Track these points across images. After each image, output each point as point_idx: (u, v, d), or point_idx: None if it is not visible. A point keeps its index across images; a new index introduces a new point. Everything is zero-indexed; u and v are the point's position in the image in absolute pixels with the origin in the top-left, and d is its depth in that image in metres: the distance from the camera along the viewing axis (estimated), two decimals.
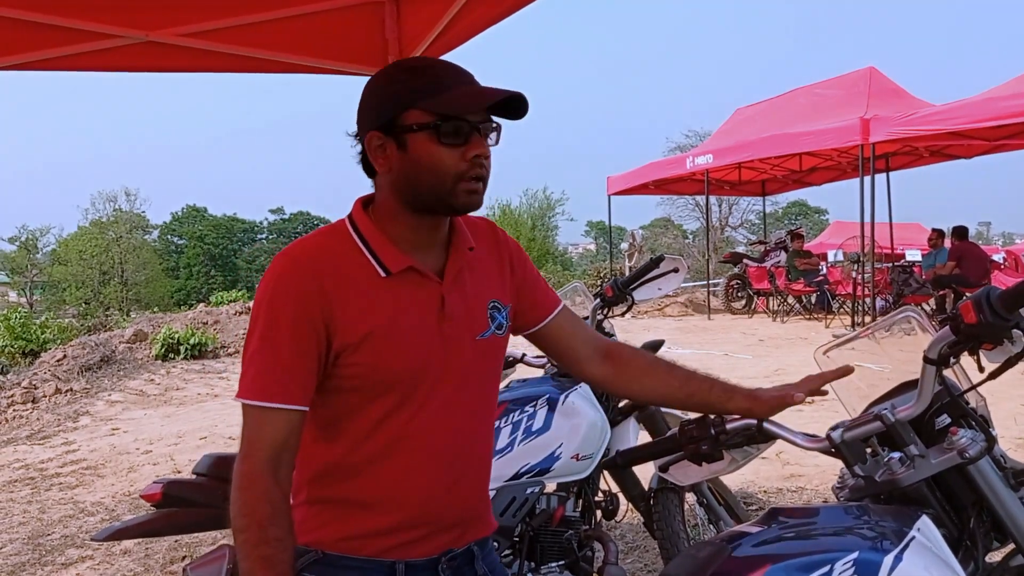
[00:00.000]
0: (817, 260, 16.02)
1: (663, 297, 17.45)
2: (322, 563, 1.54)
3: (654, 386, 1.77)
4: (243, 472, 1.43)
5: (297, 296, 1.45)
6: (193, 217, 65.67)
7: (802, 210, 60.77)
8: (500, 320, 1.63)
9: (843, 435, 1.58)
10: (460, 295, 1.57)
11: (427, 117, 1.44)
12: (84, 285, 44.74)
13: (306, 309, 1.45)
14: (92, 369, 11.74)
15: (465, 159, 1.45)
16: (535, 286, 1.76)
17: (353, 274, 1.49)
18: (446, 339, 1.54)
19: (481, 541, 1.67)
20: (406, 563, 1.55)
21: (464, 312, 1.57)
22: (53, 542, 5.26)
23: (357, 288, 1.48)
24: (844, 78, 15.28)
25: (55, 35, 3.49)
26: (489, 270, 1.66)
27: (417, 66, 1.52)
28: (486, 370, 1.63)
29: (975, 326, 1.39)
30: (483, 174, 1.49)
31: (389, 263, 1.50)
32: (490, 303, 1.62)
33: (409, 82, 1.47)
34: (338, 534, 1.54)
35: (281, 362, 1.44)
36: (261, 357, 1.45)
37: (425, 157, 1.46)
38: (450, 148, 1.45)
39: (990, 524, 1.56)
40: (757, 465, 5.56)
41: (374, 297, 1.49)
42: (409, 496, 1.53)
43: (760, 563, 1.37)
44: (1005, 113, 10.37)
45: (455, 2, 3.34)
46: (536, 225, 40.52)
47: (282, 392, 1.44)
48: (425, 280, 1.53)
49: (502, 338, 1.65)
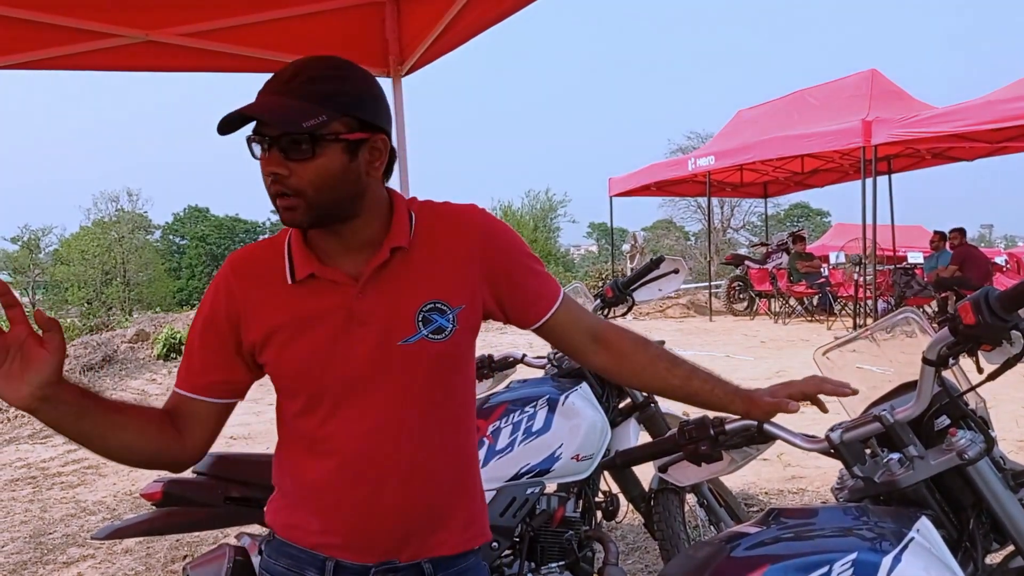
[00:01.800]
0: (819, 262, 16.00)
1: (664, 299, 17.47)
2: (271, 545, 1.64)
3: (654, 379, 1.74)
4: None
5: (214, 296, 1.57)
6: (195, 217, 65.75)
7: (804, 212, 60.72)
8: (441, 323, 1.53)
9: (842, 436, 1.58)
10: (377, 299, 1.51)
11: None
12: (86, 285, 44.77)
13: (216, 308, 1.56)
14: (94, 369, 11.76)
15: (266, 175, 1.44)
16: (528, 282, 1.66)
17: (268, 278, 1.55)
18: (356, 345, 1.50)
19: (439, 560, 1.59)
20: (336, 562, 1.56)
21: (382, 317, 1.51)
22: (55, 541, 5.26)
23: (266, 291, 1.54)
24: (846, 80, 15.27)
25: (56, 34, 3.51)
26: (436, 268, 1.56)
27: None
28: (421, 377, 1.53)
29: (974, 327, 1.39)
30: (282, 191, 1.42)
31: (297, 270, 1.53)
32: (424, 305, 1.53)
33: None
34: (283, 520, 1.62)
35: (189, 351, 1.59)
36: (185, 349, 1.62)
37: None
38: (261, 163, 1.44)
39: (989, 525, 1.56)
40: (758, 467, 5.56)
41: (278, 301, 1.53)
42: (328, 499, 1.55)
43: (759, 563, 1.37)
44: (1007, 116, 10.37)
45: (455, 2, 3.35)
46: (538, 227, 40.60)
47: (180, 379, 1.58)
48: (335, 286, 1.51)
49: (444, 343, 1.53)
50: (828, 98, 15.12)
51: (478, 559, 1.68)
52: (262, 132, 1.40)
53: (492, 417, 2.91)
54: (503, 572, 2.84)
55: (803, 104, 15.62)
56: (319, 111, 1.39)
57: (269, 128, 1.39)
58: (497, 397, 3.02)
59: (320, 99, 1.40)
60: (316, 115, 1.39)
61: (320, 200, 1.43)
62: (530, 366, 3.50)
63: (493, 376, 3.54)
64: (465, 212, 1.64)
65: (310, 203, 1.43)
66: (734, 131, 17.32)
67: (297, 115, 1.38)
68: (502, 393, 3.07)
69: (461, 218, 1.62)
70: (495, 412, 2.92)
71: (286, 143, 1.39)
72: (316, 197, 1.43)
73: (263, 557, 1.65)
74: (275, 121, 1.38)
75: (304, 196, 1.42)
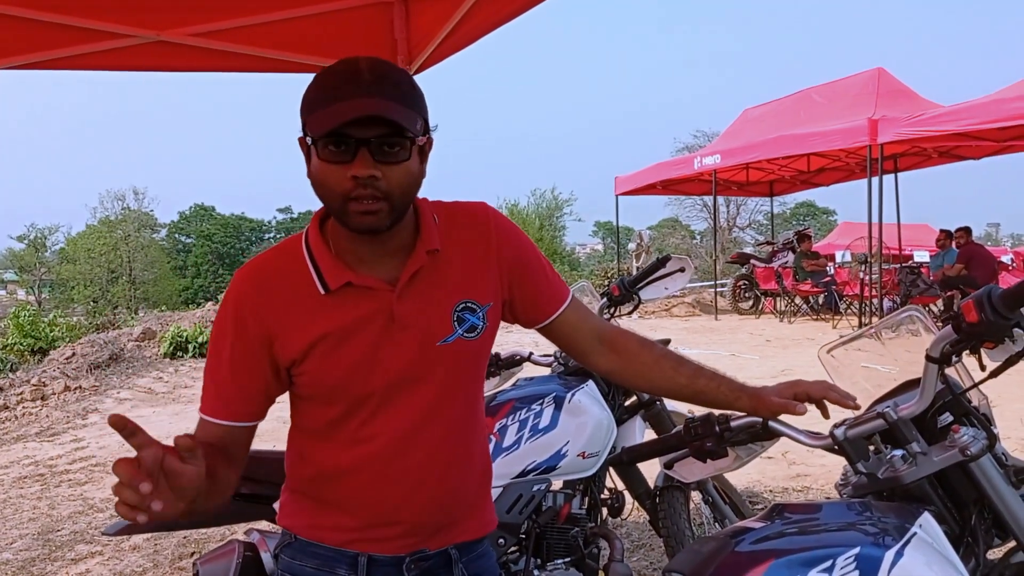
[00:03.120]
0: (825, 261, 15.99)
1: (670, 297, 17.46)
2: (294, 547, 1.62)
3: (661, 381, 1.75)
4: None
5: (235, 320, 1.50)
6: (201, 216, 65.85)
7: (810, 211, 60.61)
8: (473, 322, 1.57)
9: (846, 433, 1.60)
10: (415, 302, 1.52)
11: (311, 132, 1.39)
12: (92, 283, 44.86)
13: (243, 332, 1.50)
14: (101, 367, 11.80)
15: (347, 178, 1.37)
16: (539, 280, 1.69)
17: (296, 292, 1.50)
18: (399, 348, 1.51)
19: (463, 545, 1.65)
20: (369, 557, 1.58)
21: (421, 319, 1.52)
22: (63, 538, 5.30)
23: (298, 306, 1.50)
24: (852, 79, 15.26)
25: (67, 35, 3.52)
26: (463, 268, 1.59)
27: (324, 72, 1.42)
28: (456, 375, 1.58)
29: (976, 325, 1.41)
30: (372, 194, 1.38)
31: (329, 280, 1.49)
32: (458, 305, 1.56)
33: (311, 90, 1.42)
34: (308, 522, 1.61)
35: (220, 380, 1.53)
36: (207, 374, 1.54)
37: (316, 173, 1.42)
38: (335, 166, 1.38)
39: (991, 521, 1.57)
40: (763, 464, 5.57)
41: (314, 314, 1.49)
42: (367, 499, 1.56)
43: (763, 557, 1.38)
44: (1014, 114, 10.36)
45: (464, 2, 3.36)
46: (544, 225, 40.49)
47: (214, 408, 1.52)
48: (371, 292, 1.50)
49: (475, 341, 1.58)
50: (834, 97, 15.11)
51: (487, 544, 1.74)
52: (347, 133, 1.35)
53: (499, 415, 2.93)
54: (509, 568, 2.86)
55: (809, 103, 15.61)
56: (415, 114, 1.40)
57: (363, 130, 1.35)
58: (504, 395, 3.04)
59: (411, 102, 1.41)
60: (415, 119, 1.40)
61: (402, 203, 1.43)
62: (537, 364, 3.52)
63: (500, 374, 3.56)
64: (478, 210, 1.66)
65: (394, 206, 1.41)
66: (740, 130, 17.32)
67: (407, 118, 1.37)
68: (509, 391, 3.09)
69: (475, 217, 1.64)
70: (502, 410, 2.94)
71: (377, 145, 1.36)
72: (401, 200, 1.42)
73: (283, 560, 1.63)
74: (400, 123, 1.35)
75: (391, 199, 1.40)
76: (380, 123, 1.35)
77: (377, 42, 3.86)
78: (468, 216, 1.63)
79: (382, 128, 1.36)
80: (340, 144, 1.36)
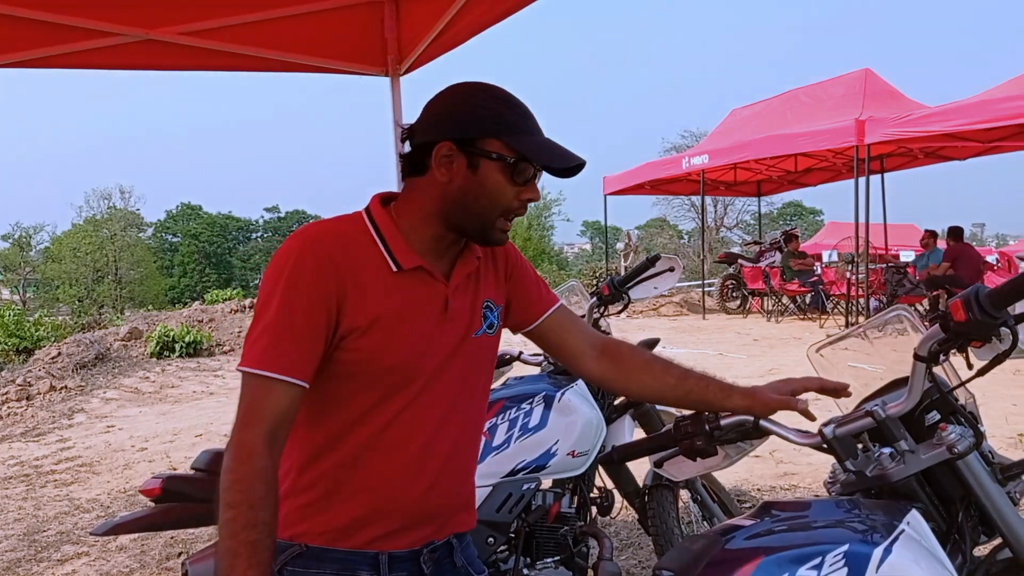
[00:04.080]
0: (812, 260, 16.05)
1: (658, 297, 17.50)
2: (305, 556, 1.56)
3: (650, 383, 1.78)
4: (241, 441, 1.41)
5: (315, 272, 1.47)
6: (188, 215, 65.59)
7: (797, 211, 60.90)
8: (492, 319, 1.69)
9: (835, 431, 1.61)
10: (463, 298, 1.63)
11: (508, 152, 1.50)
12: (78, 283, 44.62)
13: (323, 286, 1.47)
14: (87, 367, 11.73)
15: (519, 199, 1.54)
16: (529, 284, 1.79)
17: (366, 263, 1.52)
18: (445, 337, 1.59)
19: (460, 534, 1.71)
20: (389, 554, 1.58)
21: (466, 313, 1.63)
22: (49, 538, 5.27)
23: (369, 276, 1.51)
24: (839, 80, 15.31)
25: (56, 33, 3.51)
26: (487, 272, 1.71)
27: (510, 100, 1.55)
28: (478, 367, 1.67)
29: (964, 324, 1.42)
30: (523, 214, 1.61)
31: (401, 259, 1.54)
32: (484, 303, 1.68)
33: (503, 113, 1.52)
34: (321, 526, 1.56)
35: (293, 335, 1.45)
36: (274, 328, 1.45)
37: (491, 184, 1.52)
38: (514, 185, 1.53)
39: (978, 518, 1.58)
40: (751, 463, 5.59)
41: (383, 288, 1.52)
42: (393, 487, 1.56)
43: (753, 555, 1.39)
44: (999, 115, 10.41)
45: (454, 2, 3.37)
46: (532, 225, 40.54)
47: (289, 365, 1.44)
48: (432, 280, 1.58)
49: (493, 336, 1.70)
50: (821, 97, 15.17)
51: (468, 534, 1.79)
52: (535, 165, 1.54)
53: (489, 414, 2.93)
54: (499, 567, 2.86)
55: (797, 103, 15.66)
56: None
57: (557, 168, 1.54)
58: (494, 394, 3.04)
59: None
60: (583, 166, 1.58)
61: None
62: (526, 363, 3.53)
63: None
64: None
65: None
66: (728, 130, 17.37)
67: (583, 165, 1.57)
68: (499, 390, 3.09)
69: None
70: (492, 409, 2.94)
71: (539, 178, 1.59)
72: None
73: (291, 572, 1.56)
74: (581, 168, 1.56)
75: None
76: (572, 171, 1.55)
77: (367, 42, 3.86)
78: None
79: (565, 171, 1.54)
80: (528, 171, 1.53)
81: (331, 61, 4.01)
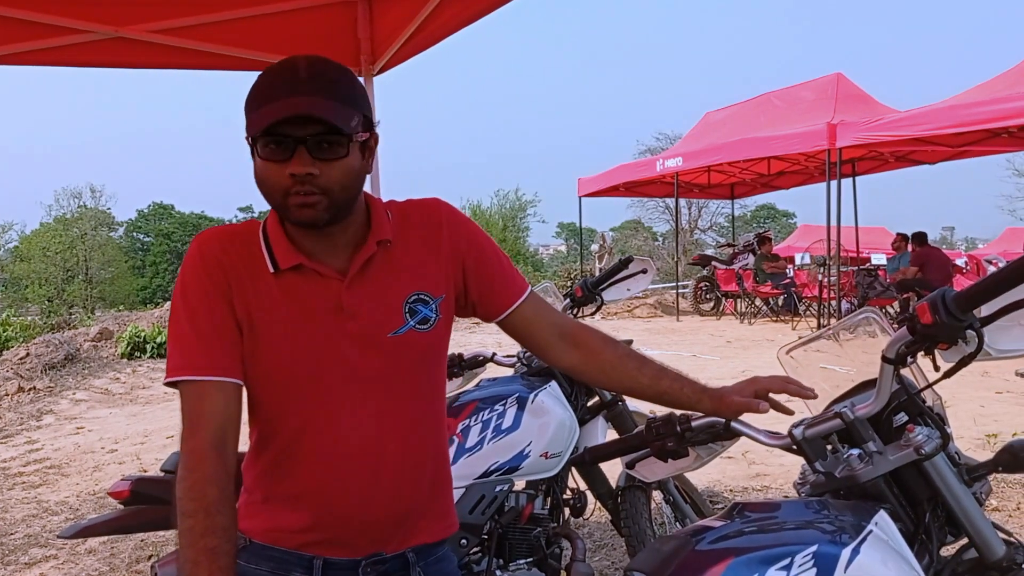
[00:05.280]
0: (784, 263, 16.18)
1: (632, 298, 17.55)
2: (248, 551, 1.56)
3: (622, 378, 1.74)
4: (189, 450, 1.42)
5: (205, 273, 1.49)
6: (160, 214, 64.90)
7: (770, 213, 61.32)
8: (426, 314, 1.58)
9: (804, 432, 1.62)
10: (365, 292, 1.53)
11: (250, 131, 1.42)
12: (47, 283, 43.96)
13: (215, 285, 1.48)
14: (56, 368, 11.58)
15: (285, 176, 1.41)
16: (493, 272, 1.69)
17: (248, 266, 1.51)
18: (348, 338, 1.52)
19: (421, 548, 1.64)
20: (324, 560, 1.56)
21: (371, 309, 1.53)
22: (16, 541, 5.19)
23: (250, 279, 1.51)
24: (812, 84, 15.46)
25: (24, 30, 3.46)
26: (415, 260, 1.60)
27: (265, 72, 1.46)
28: (409, 368, 1.58)
29: (931, 326, 1.43)
30: (309, 190, 1.41)
31: (280, 259, 1.51)
32: (410, 297, 1.57)
33: (252, 90, 1.45)
34: (262, 525, 1.57)
35: (205, 335, 1.47)
36: (185, 334, 1.47)
37: (256, 170, 1.45)
38: (274, 164, 1.41)
39: (944, 519, 1.60)
40: (723, 464, 5.63)
41: (262, 291, 1.50)
42: (319, 495, 1.53)
43: (723, 556, 1.40)
44: (968, 120, 10.56)
45: (428, 3, 3.36)
46: (507, 226, 40.55)
47: (210, 364, 1.45)
48: (321, 278, 1.52)
49: (428, 333, 1.58)
50: (794, 101, 15.30)
51: (448, 548, 1.73)
52: (283, 132, 1.38)
53: (462, 415, 2.92)
54: (472, 569, 2.86)
55: (770, 107, 15.79)
56: (352, 112, 1.43)
57: (299, 128, 1.38)
58: (467, 395, 3.04)
59: (348, 100, 1.44)
60: (352, 116, 1.42)
61: (342, 198, 1.46)
62: (500, 365, 3.52)
63: (463, 375, 3.56)
64: (432, 205, 1.68)
65: (333, 201, 1.44)
66: (702, 133, 17.49)
67: (342, 116, 1.40)
68: (472, 391, 3.09)
69: (429, 211, 1.66)
70: (465, 410, 2.94)
71: (314, 143, 1.40)
72: (340, 196, 1.45)
73: (237, 564, 1.53)
74: (332, 121, 1.39)
75: (330, 195, 1.43)
76: (315, 122, 1.39)
77: (340, 41, 3.84)
78: (420, 212, 1.66)
79: (317, 127, 1.39)
80: (279, 143, 1.39)
81: None
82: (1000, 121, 10.31)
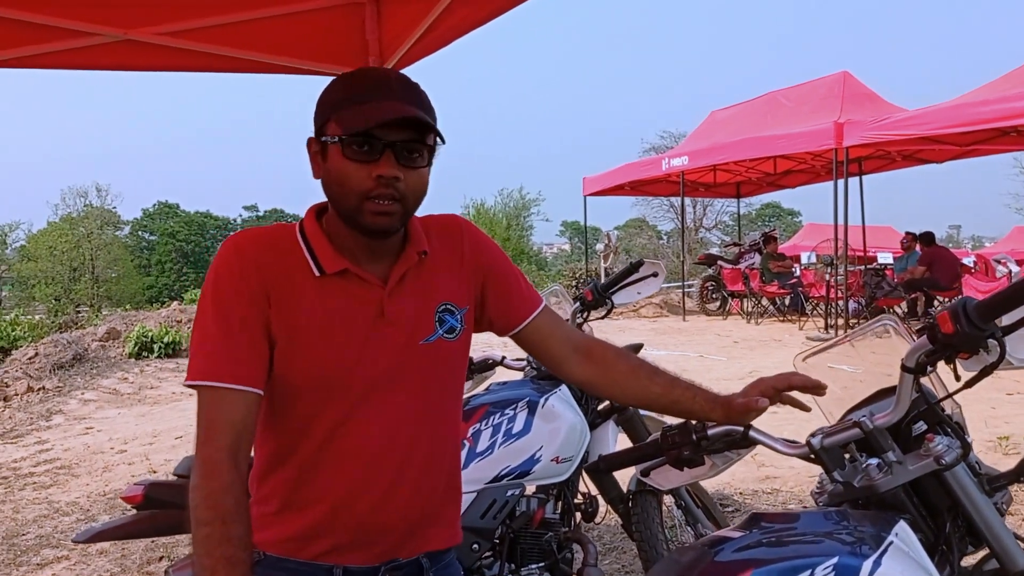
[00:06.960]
0: (790, 262, 16.14)
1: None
2: (263, 564, 1.55)
3: (636, 391, 1.76)
4: (204, 458, 1.41)
5: (241, 277, 1.47)
6: (165, 213, 65.08)
7: (776, 212, 61.24)
8: (452, 324, 1.61)
9: (822, 442, 1.61)
10: (404, 301, 1.55)
11: (337, 130, 1.44)
12: (54, 282, 44.11)
13: (251, 290, 1.47)
14: (64, 367, 11.60)
15: (371, 177, 1.42)
16: (510, 287, 1.73)
17: (289, 270, 1.51)
18: (385, 344, 1.53)
19: (434, 554, 1.65)
20: (344, 568, 1.56)
21: (407, 318, 1.55)
22: (28, 542, 5.21)
23: (291, 283, 1.50)
24: (818, 83, 15.41)
25: (32, 33, 3.45)
26: (443, 272, 1.64)
27: (351, 75, 1.49)
28: (435, 375, 1.60)
29: (952, 336, 1.42)
30: (392, 195, 1.44)
31: (325, 263, 1.51)
32: (439, 307, 1.60)
33: (337, 91, 1.48)
34: (277, 536, 1.56)
35: (234, 342, 1.45)
36: (213, 337, 1.45)
37: (334, 171, 1.46)
38: (358, 164, 1.43)
39: (965, 529, 1.58)
40: (734, 468, 5.58)
41: (305, 295, 1.50)
42: (343, 500, 1.53)
43: (742, 567, 1.38)
44: (975, 119, 10.51)
45: (437, 4, 3.34)
46: (511, 225, 40.55)
47: (235, 372, 1.44)
48: (364, 284, 1.53)
49: (455, 342, 1.62)
50: (800, 100, 15.25)
51: (454, 555, 1.74)
52: (376, 135, 1.41)
53: (473, 419, 2.92)
54: (483, 573, 2.85)
55: (776, 106, 15.74)
56: (434, 122, 1.48)
57: (392, 133, 1.42)
58: (477, 399, 3.04)
59: (431, 112, 1.48)
60: (435, 127, 1.47)
61: (414, 207, 1.51)
62: (510, 368, 3.52)
63: (473, 378, 3.56)
64: (451, 221, 1.72)
65: (407, 209, 1.48)
66: (707, 132, 17.43)
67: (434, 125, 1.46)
68: (482, 395, 3.08)
69: (449, 227, 1.70)
70: (475, 414, 2.94)
71: (402, 149, 1.44)
72: (413, 204, 1.50)
73: None
74: (431, 127, 1.45)
75: (406, 203, 1.47)
76: (410, 127, 1.43)
77: (348, 43, 3.82)
78: (441, 227, 1.69)
79: (410, 133, 1.43)
80: (367, 144, 1.42)
81: (311, 63, 3.97)
82: (1008, 120, 10.25)
